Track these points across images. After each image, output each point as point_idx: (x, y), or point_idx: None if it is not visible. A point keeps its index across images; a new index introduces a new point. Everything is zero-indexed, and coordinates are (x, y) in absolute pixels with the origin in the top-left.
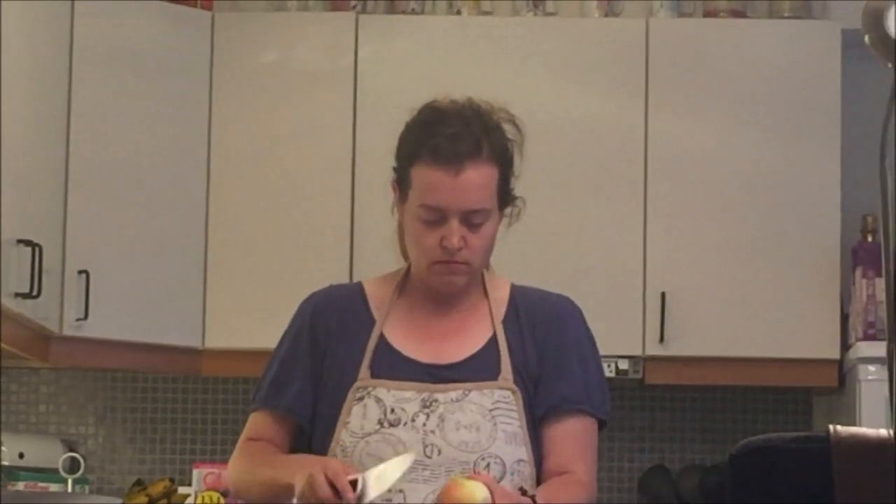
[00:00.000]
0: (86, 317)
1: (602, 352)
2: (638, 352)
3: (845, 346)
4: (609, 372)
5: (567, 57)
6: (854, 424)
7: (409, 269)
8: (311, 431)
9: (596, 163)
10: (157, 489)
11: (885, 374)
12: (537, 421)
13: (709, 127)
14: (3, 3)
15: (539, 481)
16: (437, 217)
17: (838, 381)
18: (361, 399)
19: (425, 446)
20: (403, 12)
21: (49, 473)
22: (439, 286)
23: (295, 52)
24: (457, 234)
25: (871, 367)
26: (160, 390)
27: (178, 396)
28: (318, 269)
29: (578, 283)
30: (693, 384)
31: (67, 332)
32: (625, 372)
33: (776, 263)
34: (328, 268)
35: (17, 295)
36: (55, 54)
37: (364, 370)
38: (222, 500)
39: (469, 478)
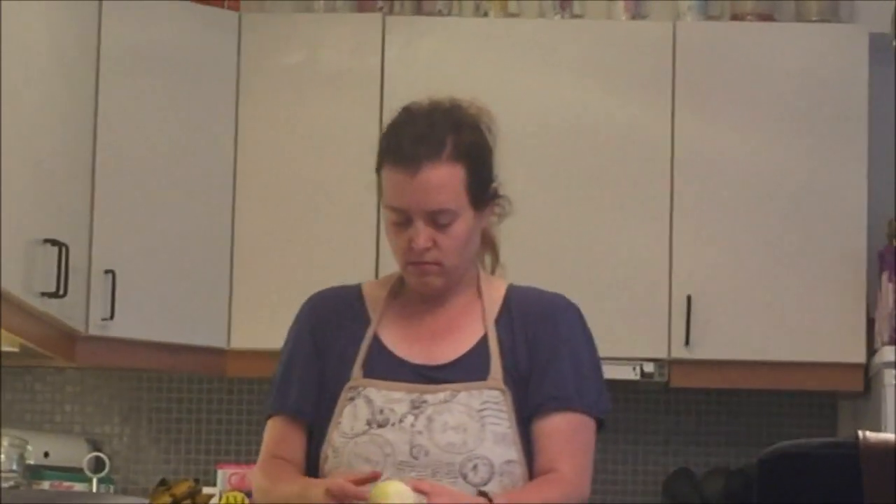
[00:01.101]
0: (112, 317)
1: (627, 354)
2: (663, 355)
3: (871, 350)
4: (634, 375)
5: (593, 59)
6: (879, 429)
7: None
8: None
9: (622, 165)
10: (182, 489)
11: None
12: (526, 420)
13: (735, 130)
14: (31, 4)
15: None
16: (403, 218)
17: (864, 385)
18: (353, 399)
19: (412, 447)
20: (430, 13)
21: (74, 473)
22: (416, 287)
23: (322, 52)
24: (422, 235)
25: None
26: (185, 390)
27: (202, 397)
28: (344, 270)
29: (604, 285)
30: (718, 387)
31: (93, 331)
32: (650, 375)
33: (802, 267)
34: (354, 268)
35: (43, 294)
36: (82, 55)
37: (357, 370)
38: (246, 501)
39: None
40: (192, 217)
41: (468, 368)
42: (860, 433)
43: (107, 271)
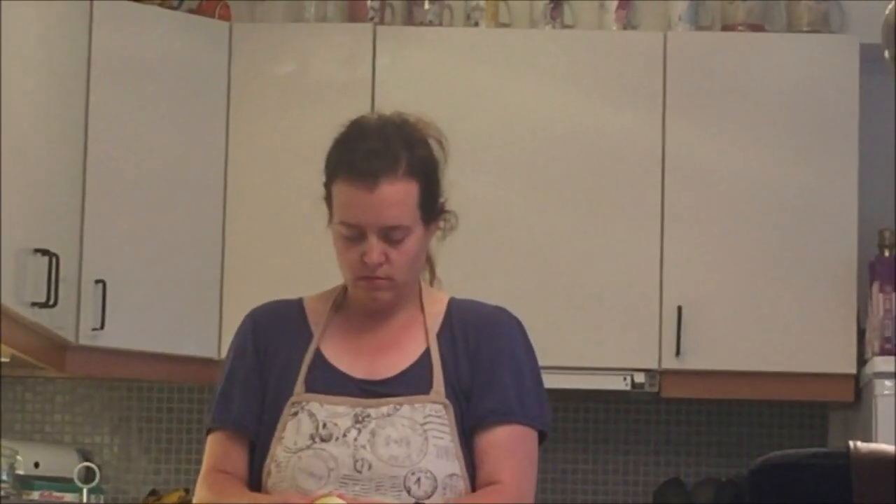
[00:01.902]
0: (102, 326)
1: (618, 365)
2: (654, 365)
3: (861, 360)
4: (625, 385)
5: (584, 69)
6: (870, 439)
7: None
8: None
9: (613, 175)
10: (172, 499)
11: None
12: (468, 434)
13: (726, 140)
14: (21, 13)
15: None
16: (356, 234)
17: (854, 395)
18: (296, 414)
19: (355, 461)
20: (421, 23)
21: (64, 483)
22: (365, 301)
23: (312, 63)
24: (376, 251)
25: (888, 383)
26: (176, 400)
27: (193, 407)
28: (335, 280)
29: (595, 296)
30: (709, 398)
31: (83, 341)
32: (641, 385)
33: (793, 277)
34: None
35: (33, 304)
36: (73, 64)
37: (299, 385)
38: None
39: (332, 494)
40: (183, 227)
41: (411, 382)
42: (851, 443)
43: (97, 281)
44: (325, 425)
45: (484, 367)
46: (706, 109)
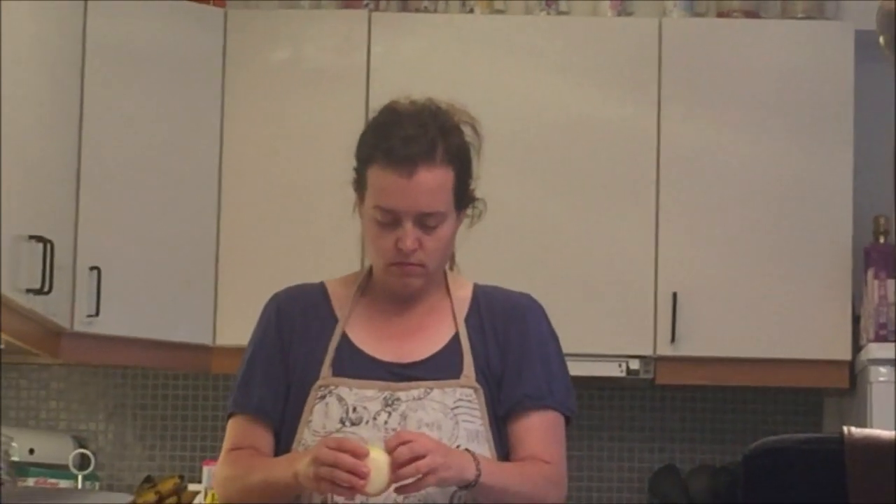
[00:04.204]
0: (97, 313)
1: (613, 351)
2: (649, 352)
3: (856, 347)
4: (620, 372)
5: (579, 56)
6: (865, 426)
7: (371, 268)
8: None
9: (608, 162)
10: (167, 486)
11: None
12: (500, 419)
13: (721, 127)
14: (16, 1)
15: None
16: (391, 219)
17: (849, 382)
18: (324, 398)
19: None
20: (416, 10)
21: (59, 470)
22: (396, 287)
23: (307, 49)
24: (411, 237)
25: (883, 369)
26: (170, 387)
27: (188, 393)
28: (329, 267)
29: (590, 283)
30: (704, 384)
31: (78, 328)
32: (636, 372)
33: (788, 264)
34: (339, 265)
35: (28, 291)
36: (68, 51)
37: (326, 369)
38: None
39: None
40: (178, 214)
41: (441, 366)
42: (845, 429)
43: (92, 268)
44: (354, 409)
45: (514, 354)
46: (701, 96)
